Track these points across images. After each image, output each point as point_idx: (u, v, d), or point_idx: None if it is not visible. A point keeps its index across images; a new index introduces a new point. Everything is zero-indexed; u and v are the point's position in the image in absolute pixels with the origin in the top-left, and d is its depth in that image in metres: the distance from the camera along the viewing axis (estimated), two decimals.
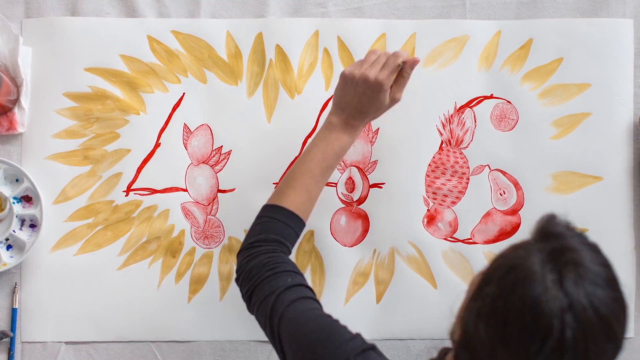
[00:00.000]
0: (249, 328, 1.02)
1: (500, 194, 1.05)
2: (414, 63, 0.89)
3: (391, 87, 0.89)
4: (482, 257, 1.04)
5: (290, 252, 0.87)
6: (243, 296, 0.83)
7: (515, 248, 0.65)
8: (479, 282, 0.65)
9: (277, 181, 1.04)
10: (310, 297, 0.80)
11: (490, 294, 0.62)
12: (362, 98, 0.88)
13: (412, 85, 1.04)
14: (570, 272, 0.60)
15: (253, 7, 1.05)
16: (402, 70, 0.89)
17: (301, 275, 0.82)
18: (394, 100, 0.90)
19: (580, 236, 0.64)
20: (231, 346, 1.03)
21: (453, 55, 1.05)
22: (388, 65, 0.88)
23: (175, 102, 1.04)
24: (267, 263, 0.81)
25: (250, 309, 0.82)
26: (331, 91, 1.04)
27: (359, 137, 1.04)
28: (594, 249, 0.64)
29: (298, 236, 0.87)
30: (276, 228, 0.85)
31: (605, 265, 0.63)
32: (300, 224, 0.87)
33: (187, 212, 1.04)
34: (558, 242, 0.62)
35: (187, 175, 1.04)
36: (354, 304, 1.03)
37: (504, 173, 1.05)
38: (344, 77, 0.89)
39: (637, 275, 1.05)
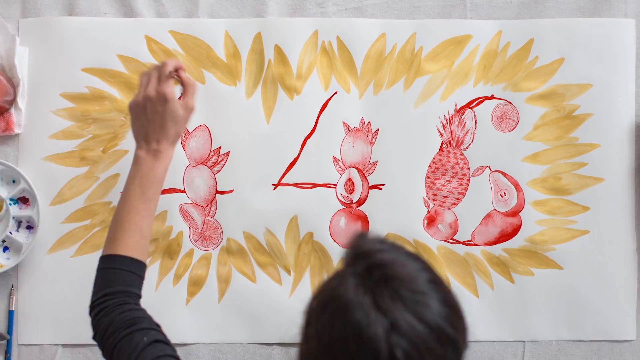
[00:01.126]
0: (248, 330, 1.02)
1: (501, 196, 1.04)
2: (177, 65, 0.89)
3: (180, 97, 0.88)
4: (482, 258, 1.04)
5: (140, 297, 0.83)
6: (104, 356, 0.81)
7: (330, 278, 0.62)
8: (302, 325, 0.63)
9: (276, 182, 1.03)
10: (167, 354, 0.77)
11: (312, 334, 0.60)
12: (153, 118, 0.86)
13: (412, 85, 1.04)
14: (384, 290, 0.58)
15: (252, 7, 1.04)
16: (180, 78, 0.89)
17: (156, 328, 0.79)
18: (188, 109, 0.88)
19: (393, 248, 0.62)
20: (229, 348, 1.02)
21: (453, 55, 1.05)
22: (160, 77, 0.87)
23: None
24: (120, 320, 0.78)
25: None
26: (331, 91, 1.04)
27: (358, 138, 1.04)
28: (410, 257, 0.62)
29: (143, 278, 0.84)
30: (118, 278, 0.82)
31: (424, 269, 0.61)
32: (141, 265, 0.84)
33: (185, 214, 1.03)
34: (368, 260, 0.60)
35: (185, 177, 1.03)
36: None
37: (504, 174, 1.04)
38: (130, 108, 0.88)
39: (639, 276, 1.05)
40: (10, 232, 1.01)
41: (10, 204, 1.01)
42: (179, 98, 0.88)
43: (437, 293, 0.59)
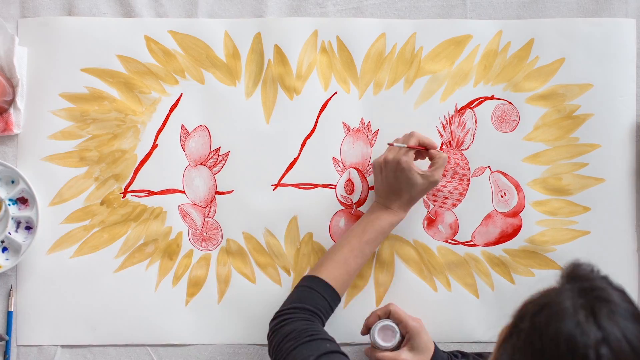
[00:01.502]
0: (247, 331, 1.02)
1: (501, 196, 1.04)
2: (424, 142, 0.96)
3: (429, 167, 0.96)
4: (482, 259, 1.03)
5: (324, 324, 0.91)
6: (275, 357, 0.86)
7: (544, 291, 0.68)
8: (511, 322, 0.67)
9: (276, 183, 1.03)
10: None
11: (525, 330, 0.65)
12: (388, 180, 0.95)
13: (412, 85, 1.04)
14: (603, 308, 0.62)
15: (251, 7, 1.04)
16: (429, 153, 0.97)
17: (337, 343, 0.86)
18: (431, 180, 0.95)
19: (606, 278, 0.67)
20: (229, 349, 1.02)
21: (453, 55, 1.04)
22: (404, 139, 0.96)
23: (172, 103, 1.03)
24: (305, 329, 0.85)
25: None
26: (330, 91, 1.04)
27: (358, 139, 1.03)
28: (619, 289, 0.67)
29: (332, 309, 0.92)
30: (312, 298, 0.90)
31: (631, 302, 0.66)
32: (336, 296, 0.92)
33: (184, 214, 1.03)
34: (586, 282, 0.65)
35: (185, 177, 1.03)
36: (354, 307, 1.03)
37: (505, 175, 1.04)
38: (373, 166, 0.99)
39: None
40: (9, 233, 1.00)
41: (9, 205, 1.01)
42: (429, 167, 0.96)
43: (638, 324, 0.64)
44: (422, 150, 0.96)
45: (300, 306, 0.89)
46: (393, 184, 0.95)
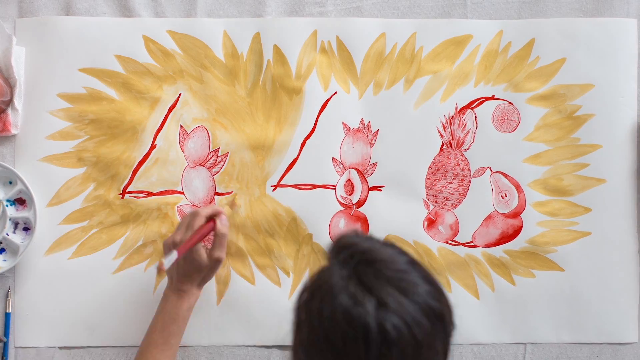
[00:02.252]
0: (247, 332, 1.02)
1: (502, 197, 1.04)
2: (214, 212, 0.91)
3: (211, 247, 0.91)
4: (483, 260, 1.03)
5: None
6: None
7: (316, 271, 0.66)
8: (293, 317, 0.66)
9: (275, 184, 1.03)
10: None
11: (304, 322, 0.64)
12: (176, 263, 0.88)
13: (413, 85, 1.03)
14: (367, 270, 0.61)
15: (250, 7, 1.04)
16: (216, 231, 0.91)
17: None
18: (213, 259, 0.90)
19: (370, 238, 0.66)
20: (228, 351, 1.02)
21: (454, 55, 1.04)
22: (183, 226, 0.90)
23: (171, 104, 1.03)
24: None
25: None
26: (330, 92, 1.03)
27: (358, 139, 1.03)
28: (387, 244, 0.66)
29: None
30: None
31: (401, 253, 0.64)
32: None
33: (183, 215, 1.02)
34: (349, 250, 0.64)
35: (184, 178, 1.03)
36: None
37: (505, 175, 1.04)
38: (163, 247, 0.91)
39: None
40: (7, 234, 1.00)
41: (7, 205, 1.00)
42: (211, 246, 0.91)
43: (418, 272, 0.63)
44: (203, 232, 0.91)
45: None
46: (182, 267, 0.90)
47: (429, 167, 1.03)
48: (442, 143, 1.04)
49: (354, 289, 0.60)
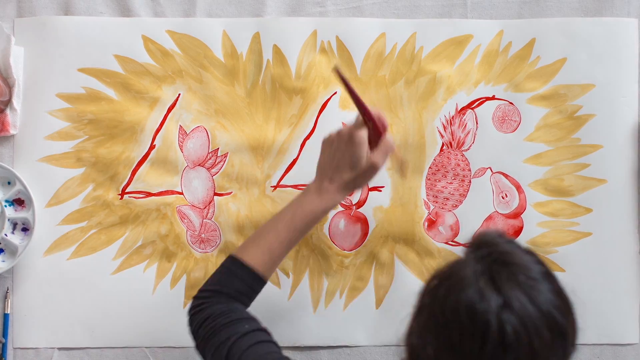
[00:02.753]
0: None
1: (502, 197, 1.04)
2: (389, 133, 0.87)
3: (372, 150, 0.86)
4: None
5: (247, 306, 0.86)
6: (197, 345, 0.82)
7: (449, 263, 0.66)
8: (417, 299, 0.66)
9: (275, 184, 1.02)
10: (268, 340, 0.80)
11: (427, 305, 0.64)
12: (336, 154, 0.86)
13: (413, 85, 1.03)
14: (502, 271, 0.61)
15: (250, 7, 1.04)
16: (382, 139, 0.86)
17: (257, 320, 0.82)
18: (372, 164, 0.85)
19: (512, 242, 0.66)
20: None
21: (454, 56, 1.04)
22: (360, 120, 0.86)
23: (170, 104, 1.02)
24: (221, 313, 0.81)
25: (205, 356, 0.81)
26: (330, 92, 1.03)
27: None
28: (527, 251, 0.65)
29: (256, 293, 0.87)
30: (234, 283, 0.84)
31: (540, 263, 0.64)
32: (260, 282, 0.86)
33: (182, 216, 1.02)
34: (489, 248, 0.64)
35: (183, 178, 1.02)
36: (353, 309, 1.02)
37: (506, 176, 1.04)
38: (322, 142, 0.89)
39: None
40: (6, 234, 1.00)
41: (5, 206, 1.00)
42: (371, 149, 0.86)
43: (550, 284, 0.63)
44: (377, 130, 0.87)
45: (217, 289, 0.84)
46: (339, 158, 0.85)
47: (429, 167, 1.03)
48: (443, 143, 1.04)
49: (484, 285, 0.60)
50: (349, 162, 0.85)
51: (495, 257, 0.62)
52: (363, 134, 0.84)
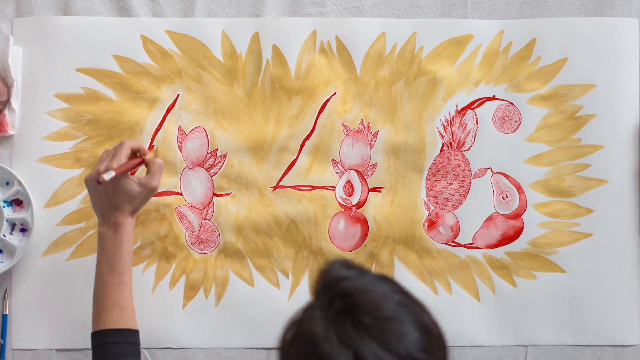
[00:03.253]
0: (245, 334, 1.01)
1: (503, 198, 1.03)
2: (136, 147, 0.91)
3: (147, 174, 0.90)
4: (483, 262, 1.03)
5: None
6: None
7: (300, 311, 0.62)
8: (277, 350, 0.63)
9: (275, 185, 1.02)
10: None
11: None
12: (101, 197, 0.88)
13: (413, 85, 1.03)
14: (347, 321, 0.57)
15: (249, 6, 1.03)
16: (144, 160, 0.91)
17: None
18: (149, 188, 0.89)
19: (359, 274, 0.61)
20: (227, 353, 1.01)
21: (454, 56, 1.04)
22: (115, 155, 0.88)
23: (169, 104, 1.02)
24: None
25: None
26: (329, 92, 1.03)
27: (357, 140, 1.02)
28: (378, 281, 0.61)
29: (138, 344, 0.89)
30: (113, 354, 0.86)
31: (394, 292, 0.60)
32: (133, 333, 0.88)
33: (181, 217, 1.02)
34: (332, 290, 0.59)
35: (182, 179, 1.02)
36: None
37: (506, 176, 1.03)
38: (85, 183, 0.90)
39: None
40: (4, 235, 0.99)
41: (3, 206, 1.00)
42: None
43: (408, 316, 0.58)
44: (137, 161, 0.91)
45: None
46: (111, 197, 0.88)
47: (430, 168, 1.03)
48: (443, 144, 1.03)
49: (333, 342, 0.56)
50: (124, 198, 0.88)
51: (340, 304, 0.58)
52: (124, 179, 0.88)
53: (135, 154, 0.92)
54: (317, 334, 0.57)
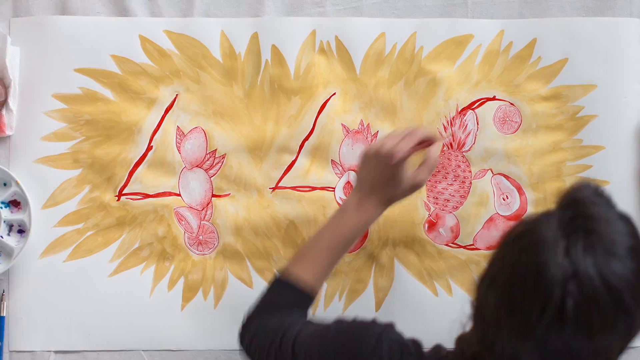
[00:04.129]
0: None
1: (503, 199, 1.03)
2: (436, 145, 0.88)
3: (419, 166, 0.87)
4: (484, 263, 1.02)
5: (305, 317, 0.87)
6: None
7: (538, 214, 0.64)
8: (495, 246, 0.65)
9: (274, 186, 1.02)
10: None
11: (499, 259, 0.63)
12: (374, 172, 0.86)
13: (413, 86, 1.02)
14: (580, 240, 0.59)
15: (248, 6, 1.03)
16: (427, 152, 0.88)
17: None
18: (415, 182, 0.87)
19: (607, 204, 0.63)
20: (225, 356, 1.01)
21: (454, 56, 1.03)
22: (404, 138, 0.86)
23: (167, 104, 1.02)
24: (272, 320, 0.82)
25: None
26: (329, 92, 1.03)
27: (357, 141, 1.02)
28: (620, 219, 0.62)
29: (309, 305, 0.86)
30: (283, 298, 0.85)
31: (629, 235, 0.61)
32: (308, 299, 0.86)
33: (180, 218, 1.02)
34: (579, 209, 0.61)
35: (181, 180, 1.02)
36: (353, 312, 1.01)
37: (507, 177, 1.03)
38: (361, 155, 0.88)
39: None
40: (1, 236, 0.99)
41: (1, 207, 1.00)
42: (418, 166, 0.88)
43: (632, 261, 0.60)
44: (424, 147, 0.89)
45: (265, 304, 0.85)
46: (377, 178, 0.86)
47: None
48: (443, 144, 1.03)
49: (559, 252, 0.58)
50: (391, 180, 0.86)
51: (579, 223, 0.60)
52: (402, 155, 0.85)
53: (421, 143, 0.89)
54: (546, 239, 0.59)
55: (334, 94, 1.03)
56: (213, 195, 1.02)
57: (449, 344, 1.02)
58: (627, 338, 0.62)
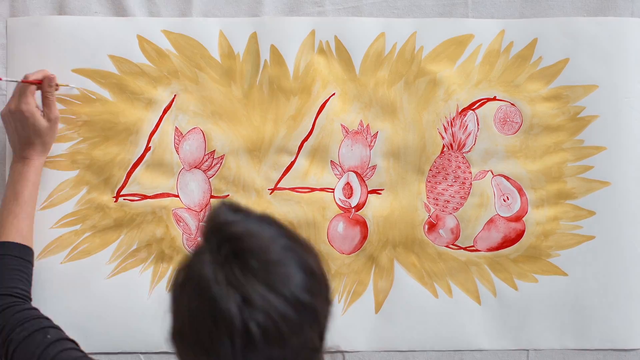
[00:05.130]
0: None
1: (504, 200, 1.03)
2: (48, 80, 0.96)
3: (44, 109, 0.96)
4: (484, 265, 1.02)
5: (28, 295, 0.93)
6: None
7: (190, 254, 0.63)
8: (169, 303, 0.64)
9: (273, 187, 1.02)
10: (72, 347, 0.85)
11: (176, 312, 0.62)
12: (17, 131, 0.95)
13: (413, 86, 1.02)
14: (235, 264, 0.58)
15: (247, 6, 1.03)
16: (43, 90, 0.96)
17: (56, 327, 0.87)
18: (51, 120, 0.96)
19: (246, 217, 0.62)
20: None
21: (455, 56, 1.03)
22: (16, 92, 0.95)
23: (166, 105, 1.01)
24: (15, 321, 0.87)
25: None
26: (328, 93, 1.02)
27: (357, 141, 1.02)
28: (264, 224, 0.62)
29: (32, 264, 0.95)
30: (5, 269, 0.92)
31: (280, 236, 0.61)
32: (27, 250, 0.94)
33: (178, 219, 1.01)
34: (221, 234, 0.60)
35: (179, 181, 1.02)
36: (352, 314, 1.02)
37: (507, 178, 1.03)
38: (1, 118, 0.96)
39: None
40: None
41: None
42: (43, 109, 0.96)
43: (293, 259, 0.60)
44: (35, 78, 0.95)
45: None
46: (22, 134, 0.94)
47: (430, 169, 1.02)
48: (443, 145, 1.03)
49: (222, 285, 0.58)
50: (33, 133, 0.94)
51: (227, 248, 0.59)
52: (28, 107, 0.94)
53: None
54: (207, 277, 0.58)
55: (334, 94, 1.02)
56: (211, 197, 1.02)
57: (449, 344, 1.02)
58: (319, 324, 0.61)
